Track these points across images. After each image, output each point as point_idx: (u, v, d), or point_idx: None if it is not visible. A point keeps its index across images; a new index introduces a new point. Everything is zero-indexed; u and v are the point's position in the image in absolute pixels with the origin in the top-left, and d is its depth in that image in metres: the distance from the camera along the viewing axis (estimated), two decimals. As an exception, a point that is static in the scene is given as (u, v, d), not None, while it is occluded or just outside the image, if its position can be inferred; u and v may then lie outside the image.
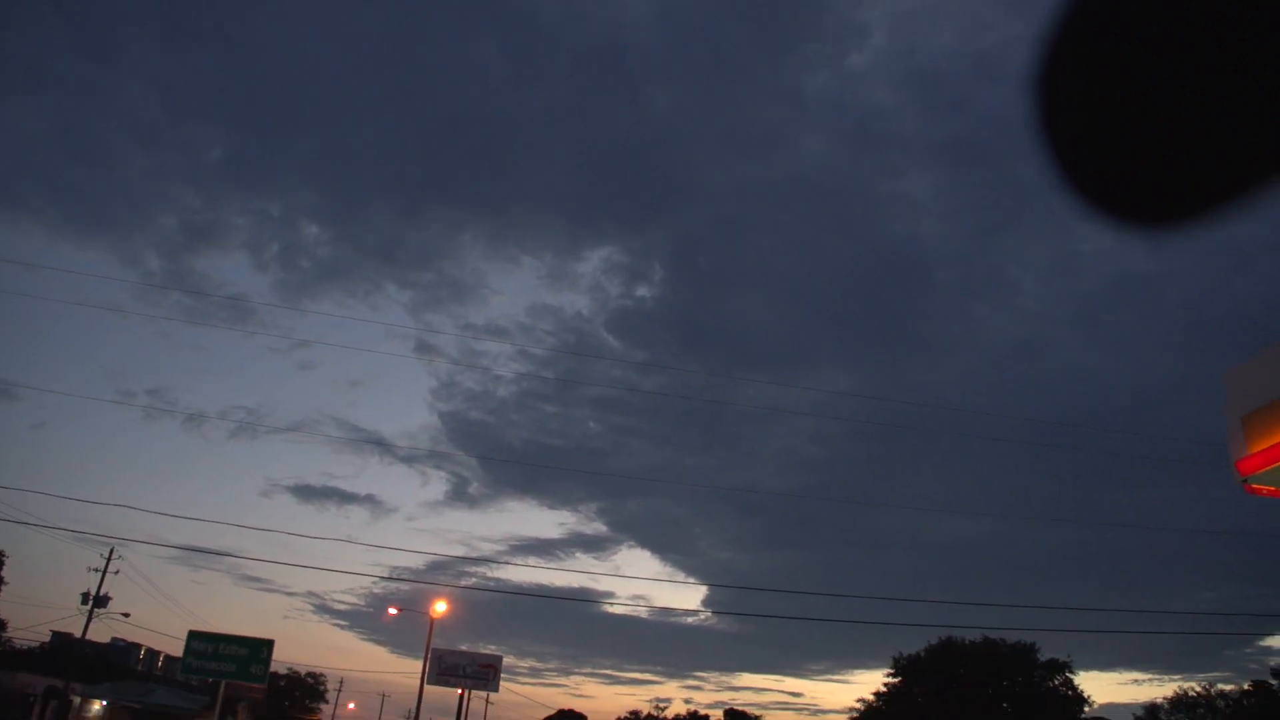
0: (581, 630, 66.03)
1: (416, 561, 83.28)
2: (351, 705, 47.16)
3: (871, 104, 52.66)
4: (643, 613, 65.95)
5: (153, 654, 40.90)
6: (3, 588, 24.35)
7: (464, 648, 25.35)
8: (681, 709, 49.83)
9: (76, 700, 24.79)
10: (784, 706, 58.00)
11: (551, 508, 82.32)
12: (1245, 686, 29.28)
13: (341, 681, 41.98)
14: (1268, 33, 0.32)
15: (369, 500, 72.66)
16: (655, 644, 66.25)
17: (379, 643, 64.11)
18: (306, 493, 69.47)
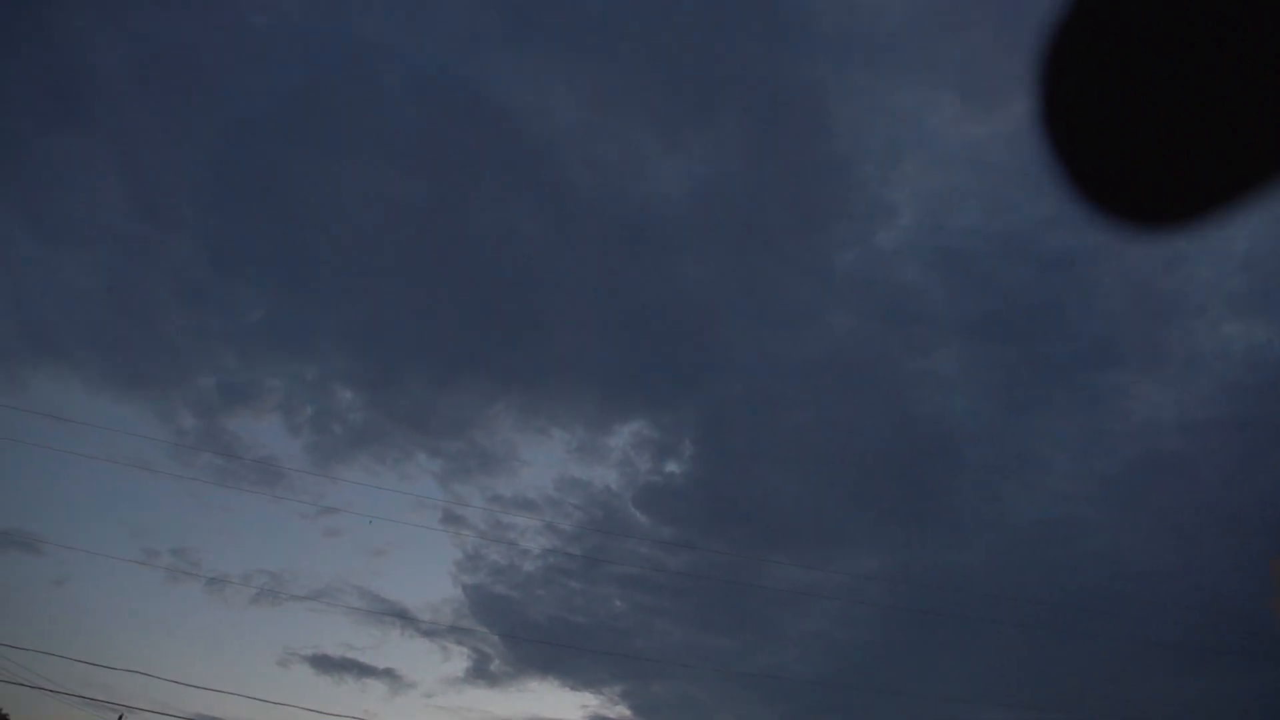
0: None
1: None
2: None
3: (900, 282, 53.10)
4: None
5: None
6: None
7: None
8: None
9: None
10: None
11: (574, 689, 79.51)
12: None
13: None
14: (1269, 33, 0.32)
15: (388, 674, 70.55)
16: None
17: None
18: (324, 664, 67.57)
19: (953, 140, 15.89)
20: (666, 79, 12.29)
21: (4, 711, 22.44)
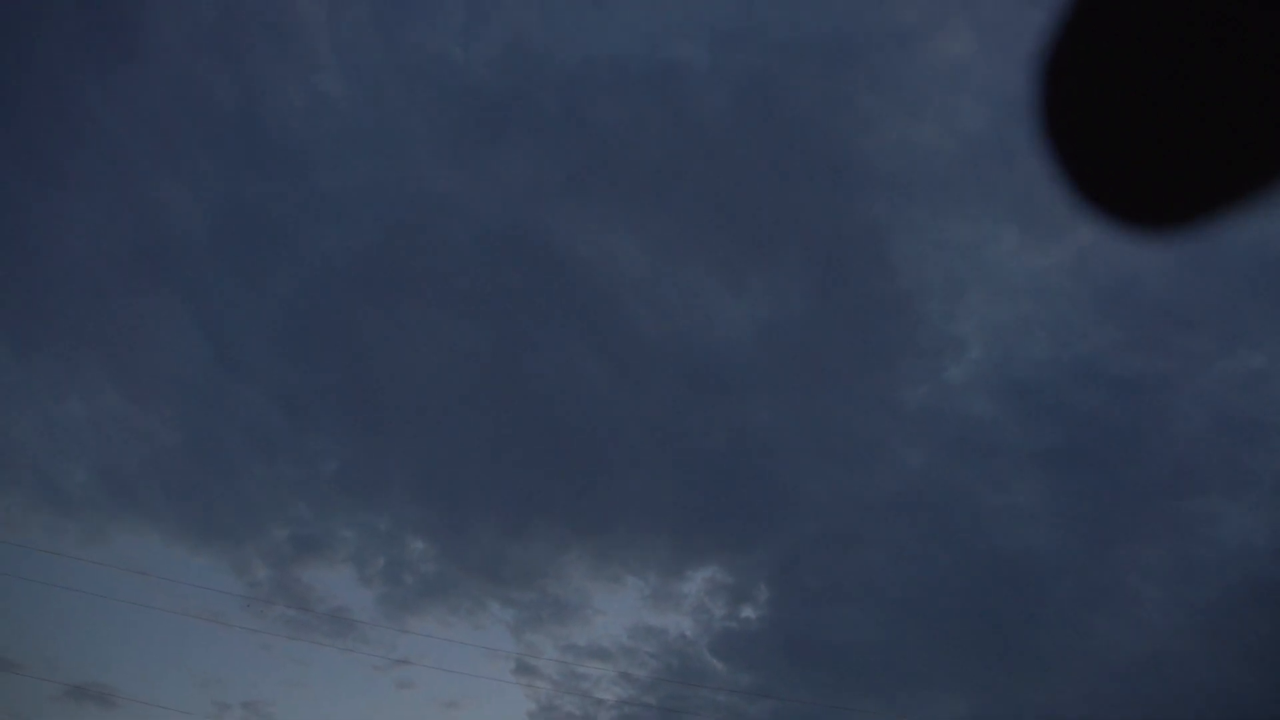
0: None
1: None
2: None
3: (972, 415, 52.22)
4: None
5: None
6: None
7: None
8: None
9: None
10: None
11: (650, 842, 76.19)
12: None
13: None
14: (1270, 32, 0.32)
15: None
16: None
17: None
18: (397, 819, 65.59)
19: (1015, 271, 15.89)
20: (726, 224, 12.48)
21: None
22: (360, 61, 9.58)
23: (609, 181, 12.08)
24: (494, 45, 9.78)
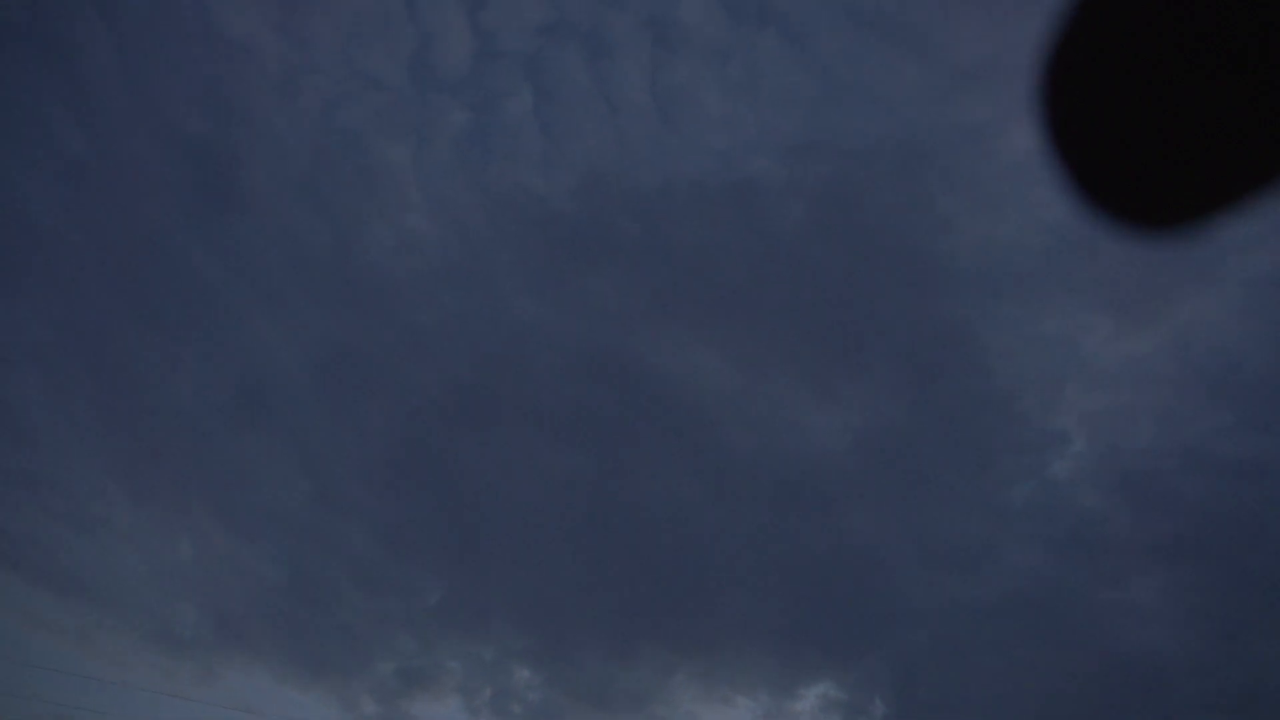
0: None
1: None
2: None
3: (1080, 510, 50.64)
4: None
5: None
6: None
7: None
8: None
9: None
10: None
11: None
12: None
13: None
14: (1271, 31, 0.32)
15: None
16: None
17: None
18: None
19: (1112, 360, 15.52)
20: (812, 334, 12.48)
21: None
22: (444, 198, 9.87)
23: (693, 300, 12.16)
24: (572, 174, 10.01)
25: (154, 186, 8.31)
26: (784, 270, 11.56)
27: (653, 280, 11.23)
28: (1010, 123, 12.12)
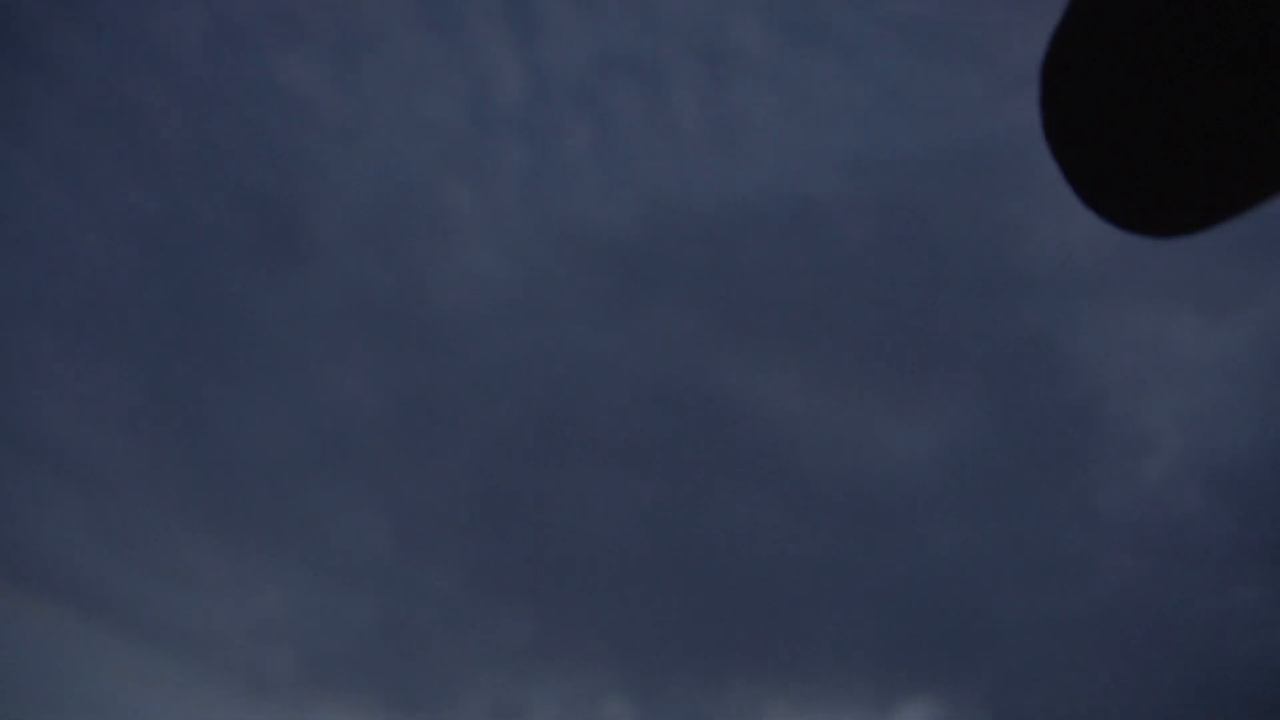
0: None
1: None
2: None
3: (1178, 514, 49.32)
4: None
5: None
6: None
7: None
8: None
9: None
10: None
11: None
12: None
13: None
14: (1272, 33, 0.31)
15: None
16: None
17: None
18: None
19: (1199, 356, 15.08)
20: (886, 350, 12.30)
21: None
22: (508, 236, 9.95)
23: (763, 322, 12.06)
24: (633, 204, 10.04)
25: (223, 241, 8.50)
26: (853, 286, 11.42)
27: (721, 305, 11.17)
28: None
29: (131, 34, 7.53)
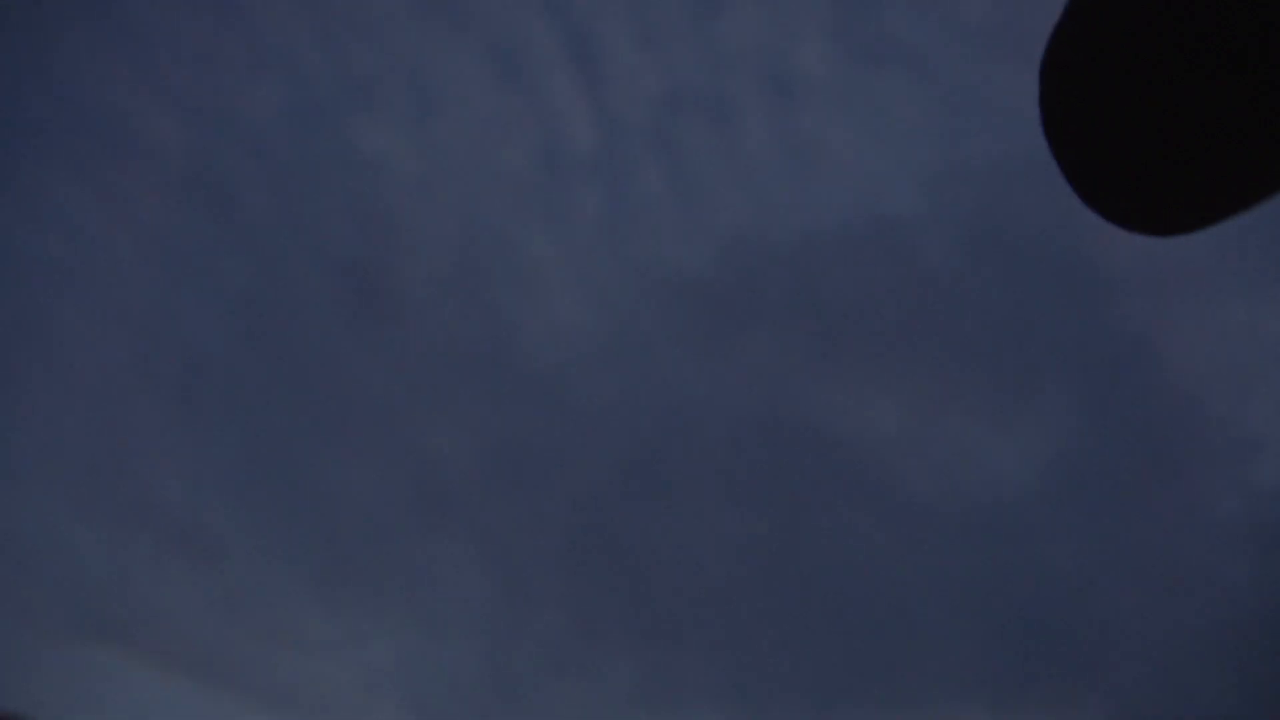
0: None
1: None
2: None
3: (1291, 517, 48.13)
4: None
5: None
6: None
7: None
8: None
9: None
10: None
11: None
12: None
13: None
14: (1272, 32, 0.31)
15: None
16: None
17: None
18: None
19: (1306, 349, 14.71)
20: (979, 366, 12.14)
21: None
22: (589, 280, 10.05)
23: (852, 347, 12.02)
24: (712, 239, 10.08)
25: (313, 304, 8.70)
26: (941, 303, 11.31)
27: (808, 333, 11.14)
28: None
29: (216, 109, 7.79)
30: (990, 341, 11.65)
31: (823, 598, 16.07)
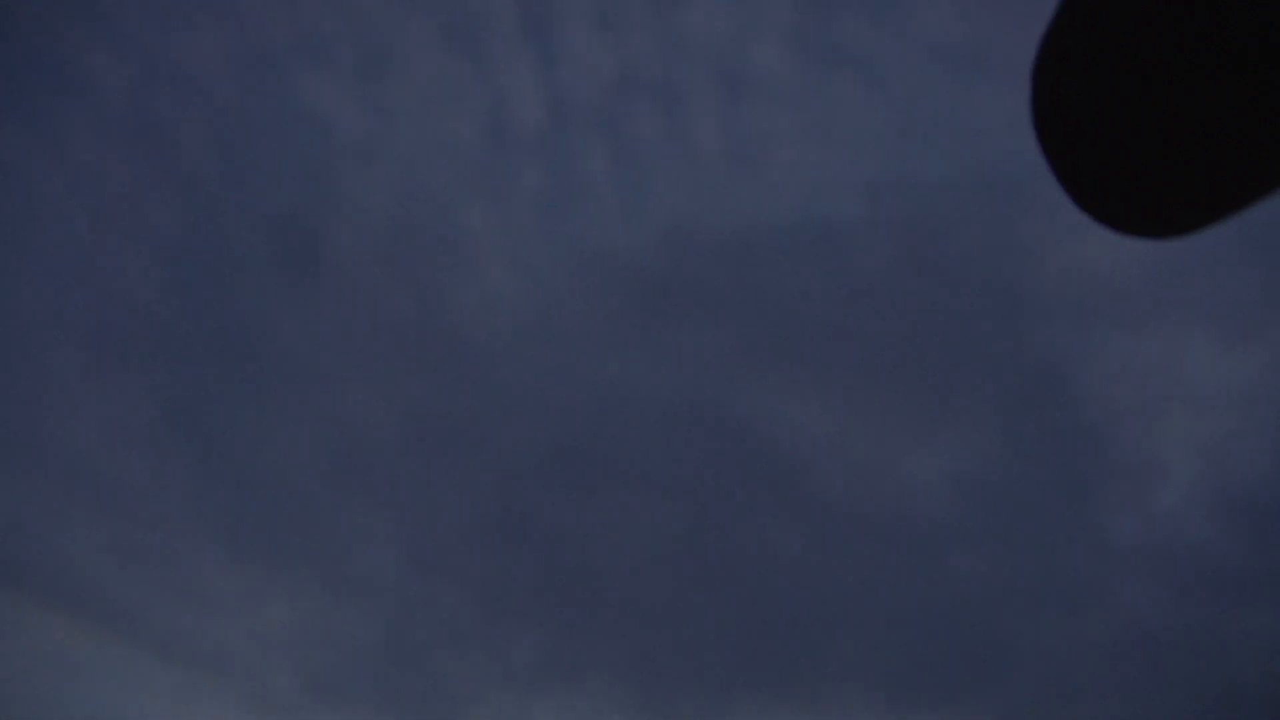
0: None
1: None
2: None
3: (1190, 541, 49.28)
4: None
5: None
6: None
7: None
8: None
9: None
10: None
11: None
12: None
13: None
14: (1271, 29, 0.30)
15: None
16: None
17: None
18: None
19: (1217, 382, 15.05)
20: (904, 375, 12.31)
21: None
22: (526, 257, 9.98)
23: (782, 346, 12.10)
24: (652, 227, 10.06)
25: (243, 258, 8.53)
26: (872, 310, 11.42)
27: (740, 329, 11.18)
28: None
29: (157, 52, 7.58)
30: (916, 353, 11.79)
31: (732, 590, 16.14)
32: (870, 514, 15.08)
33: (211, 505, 9.63)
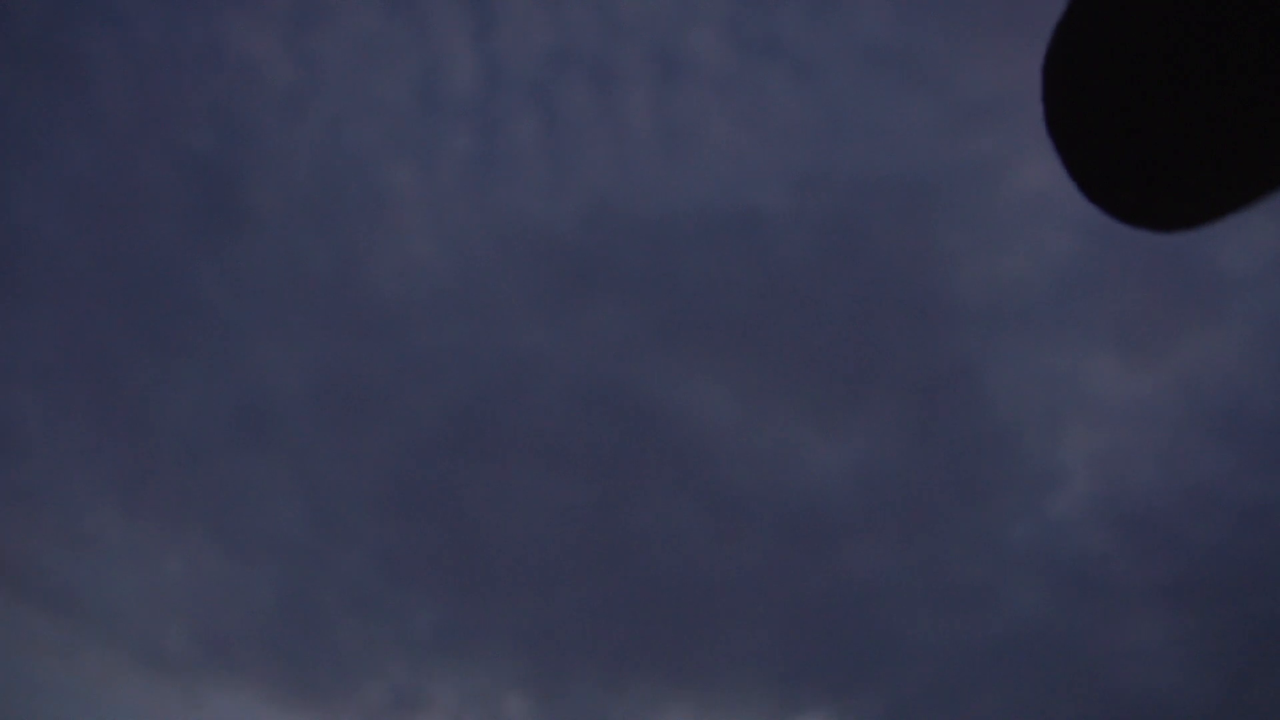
0: None
1: None
2: None
3: (1080, 551, 50.47)
4: None
5: None
6: None
7: None
8: None
9: None
10: None
11: None
12: None
13: None
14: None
15: None
16: None
17: None
18: None
19: (1117, 398, 15.43)
20: (815, 368, 12.42)
21: None
22: (449, 223, 9.88)
23: (696, 331, 12.13)
24: (577, 202, 10.03)
25: (157, 204, 8.33)
26: (788, 302, 11.51)
27: (656, 311, 11.20)
28: (1018, 158, 12.13)
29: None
30: (828, 348, 11.92)
31: (632, 570, 16.15)
32: (771, 503, 15.16)
33: (108, 453, 9.40)
